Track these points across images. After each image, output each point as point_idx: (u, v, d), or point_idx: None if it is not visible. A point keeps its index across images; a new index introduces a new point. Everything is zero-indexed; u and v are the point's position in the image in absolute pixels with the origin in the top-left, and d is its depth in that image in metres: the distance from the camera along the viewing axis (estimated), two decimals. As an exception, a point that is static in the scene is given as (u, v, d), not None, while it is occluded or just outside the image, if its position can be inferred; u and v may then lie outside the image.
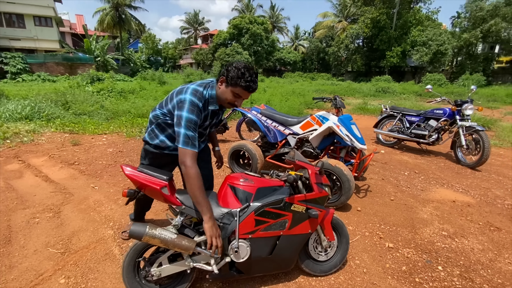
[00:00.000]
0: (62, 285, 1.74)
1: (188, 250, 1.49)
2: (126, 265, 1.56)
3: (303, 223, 1.69)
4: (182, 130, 1.49)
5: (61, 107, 7.35)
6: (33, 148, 4.56)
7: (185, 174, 1.46)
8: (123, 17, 33.74)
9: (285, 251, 1.68)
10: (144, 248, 1.60)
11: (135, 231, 1.43)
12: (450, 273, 1.95)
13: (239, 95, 1.57)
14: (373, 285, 1.81)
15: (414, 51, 23.76)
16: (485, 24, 21.51)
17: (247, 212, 1.58)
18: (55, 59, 23.02)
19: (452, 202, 3.10)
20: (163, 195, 1.50)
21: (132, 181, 1.52)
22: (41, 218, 2.51)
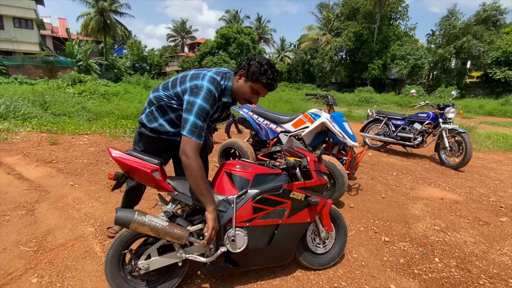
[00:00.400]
0: (34, 284, 1.55)
1: (181, 239, 1.37)
2: (110, 258, 1.41)
3: (303, 211, 1.61)
4: (192, 118, 1.36)
5: (38, 107, 6.95)
6: (5, 147, 4.23)
7: (187, 165, 1.33)
8: (108, 22, 33.17)
9: (284, 241, 1.60)
10: (130, 239, 1.45)
11: (122, 217, 1.30)
12: (447, 264, 1.93)
13: (258, 92, 1.48)
14: (372, 278, 1.75)
15: (394, 64, 24.92)
16: (458, 40, 22.99)
17: (245, 199, 1.49)
18: (34, 62, 22.00)
19: (441, 199, 3.14)
20: (154, 180, 1.37)
21: (120, 164, 1.39)
22: (12, 216, 2.28)
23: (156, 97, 1.55)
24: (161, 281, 1.50)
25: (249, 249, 1.50)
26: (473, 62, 24.39)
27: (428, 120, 4.77)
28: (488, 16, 23.49)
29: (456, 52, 23.67)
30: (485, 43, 22.27)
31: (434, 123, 4.75)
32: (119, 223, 1.30)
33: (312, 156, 1.71)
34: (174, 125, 1.58)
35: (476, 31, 22.34)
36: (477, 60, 23.63)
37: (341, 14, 29.01)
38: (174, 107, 1.51)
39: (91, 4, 31.77)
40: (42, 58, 23.05)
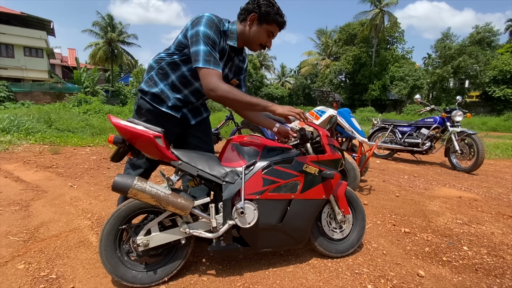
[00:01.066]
0: (20, 270, 1.39)
1: (185, 209, 1.24)
2: (106, 234, 1.26)
3: (317, 186, 1.48)
4: (201, 47, 1.24)
5: (43, 123, 6.99)
6: (6, 156, 4.16)
7: (219, 97, 1.23)
8: (116, 52, 34.69)
9: (297, 219, 1.44)
10: (129, 214, 1.31)
11: (120, 182, 1.18)
12: (478, 252, 1.74)
13: (273, 35, 1.40)
14: (397, 265, 1.56)
15: (393, 85, 25.39)
16: (454, 61, 23.57)
17: (254, 170, 1.37)
18: (42, 88, 22.63)
19: (458, 197, 2.96)
20: (157, 146, 1.25)
21: (121, 131, 1.25)
22: (5, 211, 2.14)
23: (157, 59, 1.43)
24: (162, 264, 1.34)
25: (260, 225, 1.35)
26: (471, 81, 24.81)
27: (435, 124, 4.68)
28: (482, 37, 24.31)
29: (454, 72, 24.18)
30: (481, 63, 22.80)
31: (442, 127, 4.66)
32: (116, 188, 1.18)
33: (324, 130, 1.61)
34: (175, 89, 1.41)
35: (471, 51, 22.98)
36: (474, 79, 24.05)
37: (339, 39, 30.20)
38: (177, 61, 1.38)
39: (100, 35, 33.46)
40: (50, 85, 23.77)
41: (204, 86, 1.25)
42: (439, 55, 25.94)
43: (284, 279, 1.39)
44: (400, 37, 28.10)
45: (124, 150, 1.34)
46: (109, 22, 33.64)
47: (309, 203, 1.48)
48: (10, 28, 23.20)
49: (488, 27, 24.48)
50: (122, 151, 1.33)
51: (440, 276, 1.47)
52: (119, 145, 1.28)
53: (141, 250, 1.27)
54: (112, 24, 33.86)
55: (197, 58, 1.25)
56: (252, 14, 1.34)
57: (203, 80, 1.25)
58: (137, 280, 1.28)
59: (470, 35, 24.89)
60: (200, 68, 1.24)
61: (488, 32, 24.42)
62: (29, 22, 24.58)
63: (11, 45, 23.96)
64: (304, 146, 1.54)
